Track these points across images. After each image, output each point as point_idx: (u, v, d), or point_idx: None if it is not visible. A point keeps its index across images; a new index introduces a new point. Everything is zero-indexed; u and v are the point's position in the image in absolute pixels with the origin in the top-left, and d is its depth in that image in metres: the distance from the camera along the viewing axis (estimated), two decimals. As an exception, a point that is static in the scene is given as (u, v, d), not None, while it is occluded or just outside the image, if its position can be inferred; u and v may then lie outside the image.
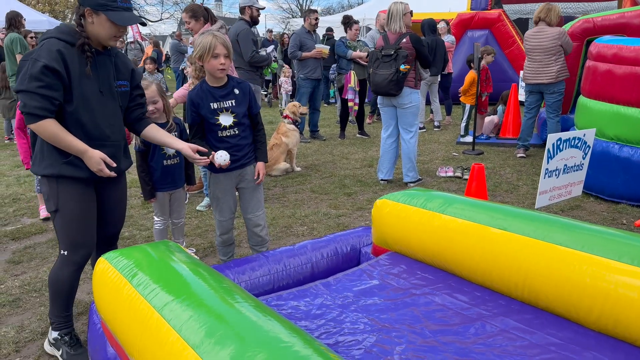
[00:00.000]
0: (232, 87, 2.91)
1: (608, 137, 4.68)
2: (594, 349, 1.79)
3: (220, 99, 2.88)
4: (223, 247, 3.19)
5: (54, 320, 2.52)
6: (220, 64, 2.76)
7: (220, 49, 2.75)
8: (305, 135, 7.92)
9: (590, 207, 4.68)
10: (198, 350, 1.31)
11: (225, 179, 2.98)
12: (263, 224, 3.10)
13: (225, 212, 3.06)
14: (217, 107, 2.87)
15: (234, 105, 2.90)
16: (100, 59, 2.38)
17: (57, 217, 2.38)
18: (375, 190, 5.28)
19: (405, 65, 4.83)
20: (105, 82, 2.39)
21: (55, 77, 2.19)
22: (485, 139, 7.52)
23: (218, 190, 3.01)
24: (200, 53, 2.77)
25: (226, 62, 2.78)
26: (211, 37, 2.75)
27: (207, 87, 2.88)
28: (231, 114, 2.89)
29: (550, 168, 3.68)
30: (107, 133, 2.42)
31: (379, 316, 2.12)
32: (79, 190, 2.38)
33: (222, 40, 2.77)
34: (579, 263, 1.90)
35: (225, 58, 2.77)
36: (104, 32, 2.30)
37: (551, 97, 6.01)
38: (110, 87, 2.42)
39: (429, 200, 2.54)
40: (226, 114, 2.88)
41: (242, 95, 2.93)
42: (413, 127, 5.16)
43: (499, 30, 10.53)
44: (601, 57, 4.71)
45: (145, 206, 4.87)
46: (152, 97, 3.11)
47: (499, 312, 2.09)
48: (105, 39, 2.33)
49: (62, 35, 2.27)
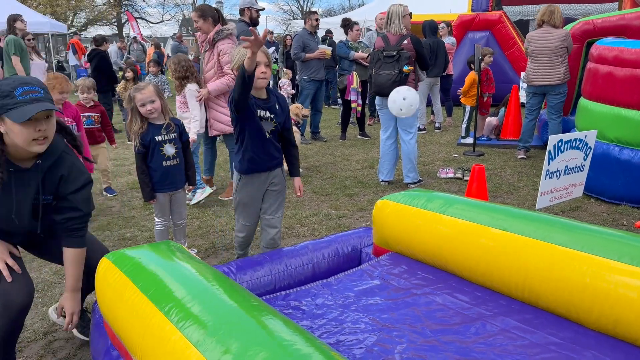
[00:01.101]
0: (274, 102, 2.89)
1: (608, 139, 4.69)
2: (593, 349, 1.80)
3: (265, 109, 2.84)
4: (243, 242, 3.19)
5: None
6: (262, 72, 2.69)
7: (262, 57, 2.67)
8: (307, 136, 7.93)
9: (591, 208, 4.68)
10: (201, 349, 1.32)
11: (256, 185, 2.97)
12: (279, 226, 3.10)
13: (250, 218, 3.06)
14: (263, 116, 2.83)
15: (275, 117, 2.89)
16: (21, 176, 2.08)
17: None
18: (376, 191, 5.29)
19: (408, 67, 4.85)
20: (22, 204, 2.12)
21: None
22: (486, 141, 7.53)
23: (245, 197, 3.00)
24: (240, 62, 2.62)
25: (267, 71, 2.72)
26: None
27: (251, 97, 2.78)
28: (272, 122, 2.87)
29: (551, 169, 3.69)
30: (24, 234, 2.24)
31: (379, 316, 2.13)
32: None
33: (264, 49, 2.69)
34: (579, 263, 1.91)
35: (266, 67, 2.72)
36: (19, 138, 1.95)
37: (555, 99, 6.01)
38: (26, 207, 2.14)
39: (430, 200, 2.55)
40: (268, 122, 2.85)
41: (281, 110, 2.92)
42: (412, 128, 5.17)
43: (500, 31, 10.54)
44: (602, 59, 4.72)
45: (146, 207, 4.89)
46: (149, 97, 3.13)
47: (499, 311, 2.10)
48: (25, 146, 1.97)
49: None
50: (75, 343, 2.70)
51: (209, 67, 4.67)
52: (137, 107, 3.14)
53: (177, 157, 3.29)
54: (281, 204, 3.10)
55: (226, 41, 4.55)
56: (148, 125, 3.20)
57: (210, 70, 4.66)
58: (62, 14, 28.42)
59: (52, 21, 18.67)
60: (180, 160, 3.31)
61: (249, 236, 3.17)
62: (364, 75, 7.58)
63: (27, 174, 2.08)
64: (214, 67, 4.61)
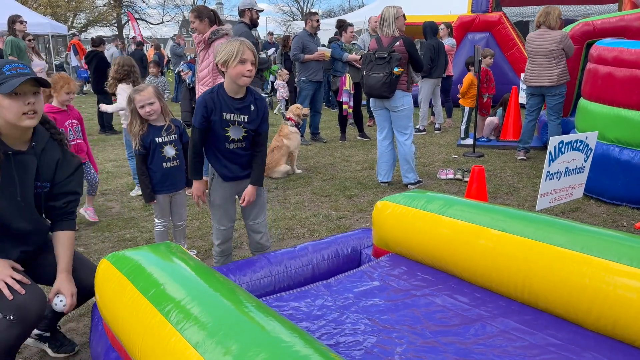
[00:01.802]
0: (249, 102, 2.80)
1: (608, 139, 4.69)
2: (593, 350, 1.80)
3: (235, 112, 2.76)
4: (220, 257, 3.09)
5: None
6: (248, 70, 2.64)
7: (249, 54, 2.63)
8: (306, 137, 7.94)
9: (591, 209, 4.68)
10: (200, 350, 1.32)
11: (228, 187, 2.93)
12: (264, 231, 3.05)
13: (224, 220, 2.98)
14: (230, 119, 2.76)
15: (246, 122, 2.80)
16: (21, 158, 2.10)
17: None
18: (375, 192, 5.29)
19: (398, 68, 4.86)
20: (23, 187, 2.13)
21: None
22: (485, 142, 7.53)
23: (218, 198, 2.94)
24: (226, 58, 2.63)
25: (252, 69, 2.67)
26: (239, 43, 2.64)
27: (223, 94, 2.75)
28: (242, 128, 2.79)
29: (551, 170, 3.69)
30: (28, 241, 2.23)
31: (379, 317, 2.13)
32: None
33: (250, 46, 2.66)
34: (579, 264, 1.91)
35: (252, 65, 2.66)
36: (9, 113, 1.99)
37: (552, 100, 6.02)
38: (27, 191, 2.15)
39: (430, 202, 2.55)
40: (237, 127, 2.78)
41: (256, 113, 2.82)
42: (407, 130, 5.17)
43: (500, 32, 10.55)
44: (602, 59, 4.72)
45: (146, 208, 4.89)
46: (149, 99, 3.14)
47: (498, 313, 2.10)
48: (16, 120, 2.00)
49: None
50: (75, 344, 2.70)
51: (204, 66, 4.66)
52: (136, 108, 3.14)
53: (178, 158, 3.29)
54: (261, 208, 3.02)
55: (222, 41, 4.55)
56: (148, 127, 3.20)
57: (205, 69, 4.64)
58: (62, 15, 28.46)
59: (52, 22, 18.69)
60: (180, 161, 3.31)
61: (225, 245, 3.05)
62: (357, 77, 7.59)
63: (25, 157, 2.13)
64: (209, 66, 4.60)
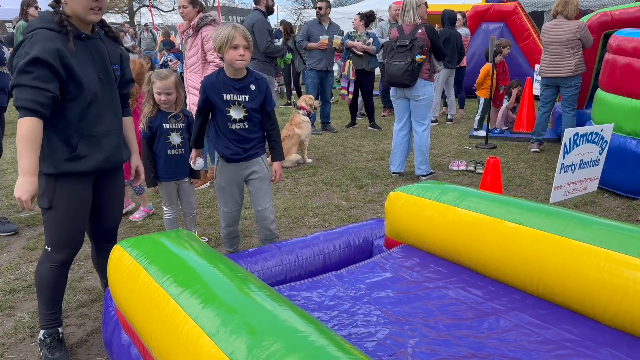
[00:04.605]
0: (249, 82, 2.88)
1: (625, 132, 4.61)
2: (610, 346, 1.77)
3: (235, 92, 2.84)
4: (228, 239, 3.21)
5: (40, 317, 2.45)
6: (240, 55, 2.73)
7: (240, 39, 2.72)
8: (317, 127, 7.90)
9: (605, 203, 4.62)
10: (214, 339, 1.31)
11: (231, 170, 2.98)
12: (271, 217, 3.07)
13: (230, 203, 3.05)
14: (230, 100, 2.84)
15: (247, 101, 2.86)
16: (92, 43, 2.27)
17: (48, 214, 2.30)
18: (386, 183, 5.26)
19: (420, 56, 4.79)
20: (101, 67, 2.30)
21: (47, 69, 2.07)
22: (498, 133, 7.45)
23: (223, 181, 3.02)
24: (220, 44, 2.74)
25: (246, 53, 2.75)
26: (230, 28, 2.74)
27: (223, 76, 2.85)
28: (243, 108, 2.86)
29: (566, 163, 3.64)
30: (112, 121, 2.36)
31: (392, 309, 2.11)
32: (77, 187, 2.30)
33: (241, 32, 2.74)
34: (597, 259, 1.88)
35: (245, 49, 2.74)
36: (79, 5, 2.16)
37: (567, 91, 5.93)
38: (107, 71, 2.33)
39: (444, 193, 2.52)
40: (238, 107, 2.86)
41: (257, 91, 2.89)
42: (426, 120, 5.12)
43: (514, 23, 10.39)
44: (621, 50, 4.63)
45: (157, 196, 4.89)
46: (168, 89, 3.13)
47: (513, 307, 2.07)
48: (83, 14, 2.17)
49: (49, 24, 2.15)
50: (87, 329, 2.72)
51: (192, 53, 4.59)
52: (153, 91, 3.14)
53: (183, 147, 3.27)
54: (267, 193, 3.06)
55: (209, 27, 4.49)
56: (158, 112, 3.20)
57: (193, 56, 4.58)
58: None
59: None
60: (185, 150, 3.29)
61: (231, 227, 3.14)
62: (359, 64, 7.53)
63: (95, 41, 2.30)
64: (197, 53, 4.54)
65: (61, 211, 2.30)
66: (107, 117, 2.34)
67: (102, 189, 2.49)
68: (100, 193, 2.49)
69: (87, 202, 2.38)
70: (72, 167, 2.25)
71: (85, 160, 2.28)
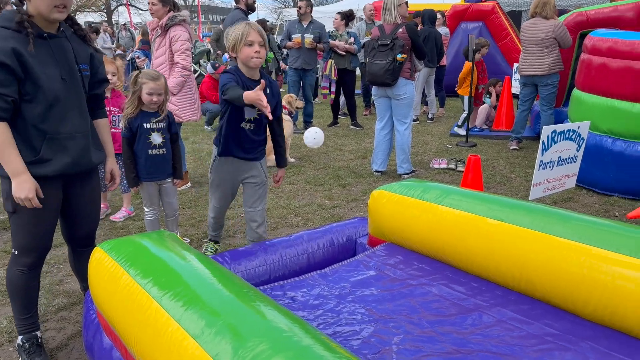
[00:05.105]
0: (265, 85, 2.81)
1: (601, 130, 4.70)
2: (590, 340, 1.80)
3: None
4: (214, 223, 3.33)
5: (16, 322, 2.39)
6: (255, 52, 2.65)
7: (255, 36, 2.65)
8: (299, 126, 7.89)
9: (583, 199, 4.71)
10: (199, 340, 1.30)
11: (229, 169, 2.97)
12: (260, 220, 3.06)
13: (221, 200, 3.09)
14: None
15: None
16: (56, 42, 2.18)
17: (13, 218, 2.23)
18: (369, 181, 5.28)
19: (401, 55, 4.82)
20: (66, 66, 2.19)
21: (4, 71, 2.00)
22: (478, 131, 7.54)
23: (219, 178, 3.03)
24: (234, 42, 2.66)
25: (261, 50, 2.68)
26: (244, 25, 2.67)
27: (241, 74, 2.75)
28: (257, 110, 2.80)
29: (544, 160, 3.69)
30: (78, 123, 2.25)
31: (376, 307, 2.12)
32: (43, 192, 2.18)
33: (256, 28, 2.68)
34: (577, 254, 1.91)
35: (261, 46, 2.67)
36: (42, 3, 2.06)
37: (545, 90, 6.03)
38: (72, 71, 2.22)
39: (426, 191, 2.54)
40: (251, 108, 2.77)
41: (270, 95, 2.84)
42: (407, 119, 5.16)
43: (493, 22, 10.52)
44: (596, 50, 4.72)
45: (137, 196, 4.83)
46: (160, 90, 3.11)
47: (495, 302, 2.10)
48: (47, 12, 2.08)
49: (6, 23, 2.07)
50: (67, 333, 2.67)
51: (159, 53, 4.53)
52: (142, 92, 3.09)
53: (164, 147, 3.24)
54: (261, 197, 3.05)
55: (179, 28, 4.42)
56: (139, 112, 3.16)
57: (160, 57, 4.52)
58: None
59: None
60: (167, 151, 3.26)
61: (218, 219, 3.27)
62: (340, 64, 7.55)
63: (60, 40, 2.21)
64: (165, 53, 4.48)
65: (25, 216, 2.21)
66: (72, 118, 2.24)
67: (75, 193, 2.40)
68: (74, 198, 2.40)
69: (53, 207, 2.28)
70: (35, 171, 2.14)
71: (50, 164, 2.18)
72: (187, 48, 4.40)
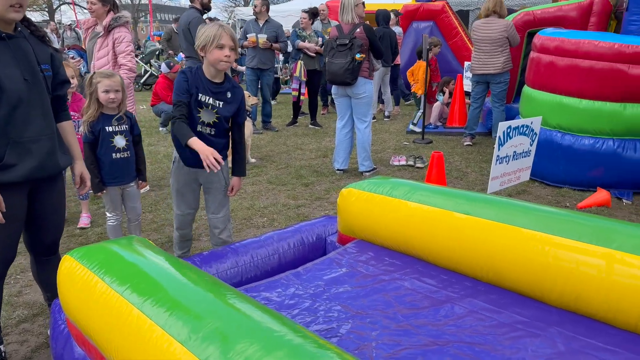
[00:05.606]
0: (226, 89, 2.76)
1: (551, 125, 4.93)
2: (557, 325, 1.90)
3: (211, 95, 2.72)
4: (180, 241, 3.14)
5: None
6: (225, 55, 2.61)
7: (227, 39, 2.61)
8: (257, 126, 7.85)
9: (536, 191, 4.92)
10: (187, 345, 1.29)
11: (188, 174, 2.89)
12: (222, 227, 3.00)
13: (183, 207, 2.97)
14: (204, 101, 2.71)
15: (221, 107, 2.75)
16: (15, 42, 2.11)
17: None
18: (332, 180, 5.32)
19: (360, 54, 4.89)
20: (27, 67, 2.12)
21: None
22: (433, 129, 7.73)
23: (179, 183, 2.94)
24: (204, 42, 2.61)
25: (232, 54, 2.64)
26: (217, 27, 2.62)
27: (201, 75, 2.70)
28: (215, 113, 2.75)
29: (501, 155, 3.84)
30: (42, 125, 2.18)
31: (351, 303, 2.15)
32: (6, 200, 2.10)
33: (229, 31, 2.63)
34: (541, 244, 2.00)
35: (231, 50, 2.63)
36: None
37: (497, 87, 6.25)
38: (35, 72, 2.15)
39: (395, 188, 2.59)
40: (209, 111, 2.73)
41: (232, 99, 2.79)
42: (367, 117, 5.23)
43: (443, 21, 10.77)
44: (544, 49, 4.94)
45: (95, 201, 4.68)
46: (117, 86, 3.03)
47: (466, 293, 2.17)
48: (2, 11, 2.02)
49: None
50: (30, 346, 2.57)
51: (102, 54, 4.44)
52: (98, 92, 3.00)
53: (128, 149, 3.16)
54: (222, 203, 2.98)
55: (122, 29, 4.37)
56: (100, 115, 3.07)
57: (103, 58, 4.43)
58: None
59: None
60: (130, 153, 3.18)
61: (184, 230, 3.05)
62: (310, 65, 7.58)
63: (19, 40, 2.14)
64: (108, 54, 4.40)
65: None
66: (36, 121, 2.16)
67: (39, 199, 2.31)
68: (38, 204, 2.31)
69: (19, 216, 2.20)
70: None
71: (15, 170, 2.10)
72: (132, 50, 4.42)
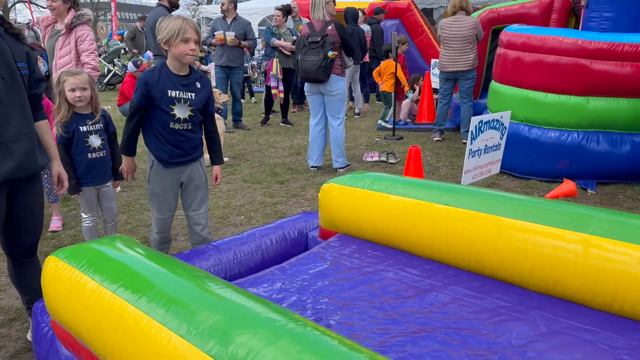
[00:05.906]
0: (194, 79, 2.76)
1: (519, 119, 5.08)
2: (537, 309, 1.98)
3: (181, 88, 2.70)
4: (159, 244, 3.07)
5: None
6: (191, 49, 2.61)
7: (192, 33, 2.60)
8: (228, 124, 7.79)
9: (505, 184, 5.07)
10: (188, 338, 1.29)
11: (169, 175, 2.83)
12: (204, 223, 2.99)
13: (164, 210, 2.91)
14: (175, 97, 2.69)
15: (193, 99, 2.74)
16: None
17: None
18: (306, 177, 5.34)
19: (332, 52, 4.92)
20: (4, 65, 2.09)
21: None
22: (403, 125, 7.85)
23: (158, 187, 2.85)
24: (168, 37, 2.59)
25: (196, 48, 2.64)
26: (181, 21, 2.60)
27: (167, 71, 2.69)
28: (189, 107, 2.73)
29: (473, 148, 3.94)
30: (21, 124, 2.15)
31: (338, 295, 2.18)
32: None
33: (193, 25, 2.63)
34: (520, 232, 2.08)
35: (196, 44, 2.63)
36: None
37: (465, 84, 6.39)
38: (12, 70, 2.12)
39: (375, 182, 2.64)
40: (183, 105, 2.71)
41: (202, 89, 2.79)
42: (340, 114, 5.28)
43: (409, 19, 10.95)
44: (511, 45, 5.09)
45: (66, 203, 4.58)
46: (82, 84, 2.95)
47: (449, 282, 2.23)
48: None
49: None
50: (9, 351, 2.50)
51: (64, 53, 4.36)
52: (65, 91, 2.93)
53: (104, 149, 3.11)
54: (203, 199, 2.98)
55: (85, 27, 4.30)
56: (73, 115, 3.00)
57: (65, 56, 4.36)
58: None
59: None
60: (106, 152, 3.13)
61: (163, 232, 3.01)
62: (285, 63, 7.57)
63: None
64: (70, 53, 4.33)
65: None
66: (15, 120, 2.12)
67: (18, 200, 2.27)
68: (15, 205, 2.26)
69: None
70: None
71: None
72: (95, 48, 4.36)
